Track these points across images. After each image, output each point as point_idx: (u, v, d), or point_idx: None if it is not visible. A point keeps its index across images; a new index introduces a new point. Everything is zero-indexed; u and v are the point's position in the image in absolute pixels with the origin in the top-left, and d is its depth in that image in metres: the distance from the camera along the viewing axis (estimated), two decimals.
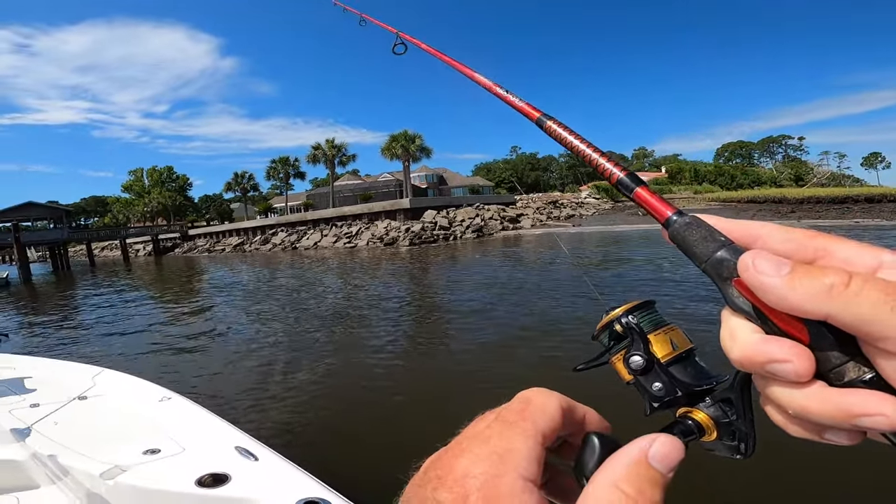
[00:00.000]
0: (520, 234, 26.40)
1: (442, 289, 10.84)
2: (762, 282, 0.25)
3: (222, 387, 5.12)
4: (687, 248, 0.30)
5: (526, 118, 0.48)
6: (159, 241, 48.26)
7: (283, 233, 36.95)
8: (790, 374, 0.24)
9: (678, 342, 0.33)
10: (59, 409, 1.99)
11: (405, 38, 1.07)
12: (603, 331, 0.35)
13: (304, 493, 1.18)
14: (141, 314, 11.25)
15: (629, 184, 0.34)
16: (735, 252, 0.27)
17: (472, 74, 0.65)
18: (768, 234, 0.28)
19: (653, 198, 0.33)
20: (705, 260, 0.28)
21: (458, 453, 0.29)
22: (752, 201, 38.48)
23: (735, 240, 0.29)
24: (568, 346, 5.00)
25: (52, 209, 42.15)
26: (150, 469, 1.41)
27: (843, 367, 0.24)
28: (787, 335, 0.25)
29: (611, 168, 0.36)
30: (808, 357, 0.24)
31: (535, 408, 0.31)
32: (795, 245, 0.27)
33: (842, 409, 0.23)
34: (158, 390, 2.07)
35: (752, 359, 0.26)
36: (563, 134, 0.41)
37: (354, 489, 1.21)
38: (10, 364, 2.76)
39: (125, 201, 64.19)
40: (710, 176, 62.70)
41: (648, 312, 0.34)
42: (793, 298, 0.24)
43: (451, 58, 0.75)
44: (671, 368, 0.32)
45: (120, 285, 19.73)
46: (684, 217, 0.31)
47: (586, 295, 7.33)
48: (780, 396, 0.26)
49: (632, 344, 0.33)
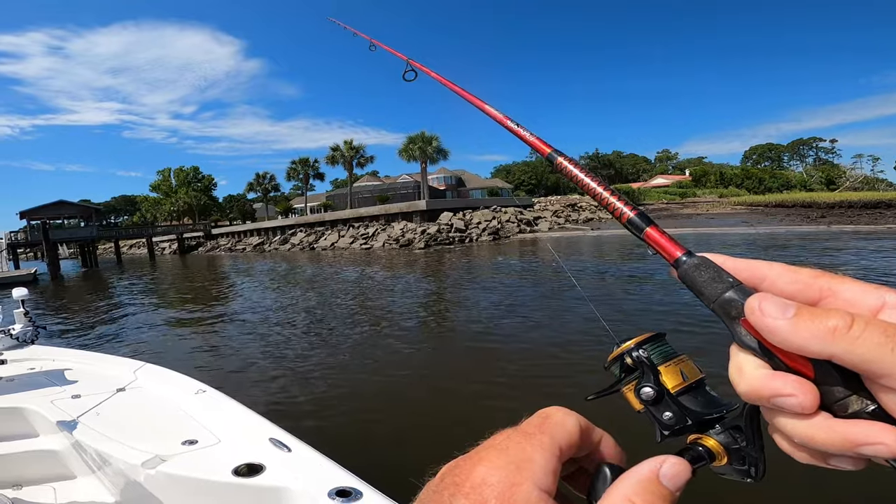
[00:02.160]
0: (537, 238, 26.20)
1: (453, 301, 10.84)
2: (768, 324, 0.26)
3: (252, 381, 5.24)
4: (696, 288, 0.30)
5: (538, 147, 0.48)
6: (184, 240, 49.54)
7: (301, 233, 37.52)
8: (795, 407, 0.26)
9: (688, 373, 0.34)
10: (100, 400, 2.05)
11: (415, 66, 1.08)
12: (614, 362, 0.35)
13: (336, 483, 1.21)
14: (166, 310, 11.60)
15: (640, 223, 0.35)
16: (743, 293, 0.28)
17: (482, 106, 0.65)
18: (776, 274, 0.29)
19: (663, 238, 0.34)
20: (714, 300, 0.29)
21: (477, 461, 0.30)
22: (781, 205, 37.18)
23: (743, 280, 0.29)
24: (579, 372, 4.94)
25: (82, 207, 43.54)
26: (188, 459, 1.45)
27: (847, 399, 0.25)
28: (792, 371, 0.26)
29: (621, 207, 0.36)
30: (813, 391, 0.26)
31: (553, 423, 0.32)
32: (801, 286, 0.28)
33: (846, 438, 0.25)
34: (194, 383, 2.12)
35: (759, 392, 0.27)
36: (574, 171, 0.41)
37: (382, 481, 1.24)
38: (50, 356, 2.84)
39: (153, 200, 66.12)
40: (736, 179, 61.01)
41: (658, 345, 0.35)
42: (797, 340, 0.25)
43: (462, 87, 0.74)
44: (681, 398, 0.33)
45: (145, 282, 20.37)
46: (693, 258, 0.31)
47: (591, 317, 7.25)
48: (786, 427, 0.27)
49: (642, 376, 0.34)
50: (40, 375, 2.45)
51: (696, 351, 0.25)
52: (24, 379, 2.41)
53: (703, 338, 5.17)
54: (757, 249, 14.66)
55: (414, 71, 1.09)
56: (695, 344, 4.95)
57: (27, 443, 1.90)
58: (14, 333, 3.09)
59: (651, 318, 6.76)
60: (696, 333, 5.46)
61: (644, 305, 7.53)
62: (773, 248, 14.78)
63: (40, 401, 2.04)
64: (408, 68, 1.10)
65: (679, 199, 52.49)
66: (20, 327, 3.19)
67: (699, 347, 4.74)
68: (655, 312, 6.95)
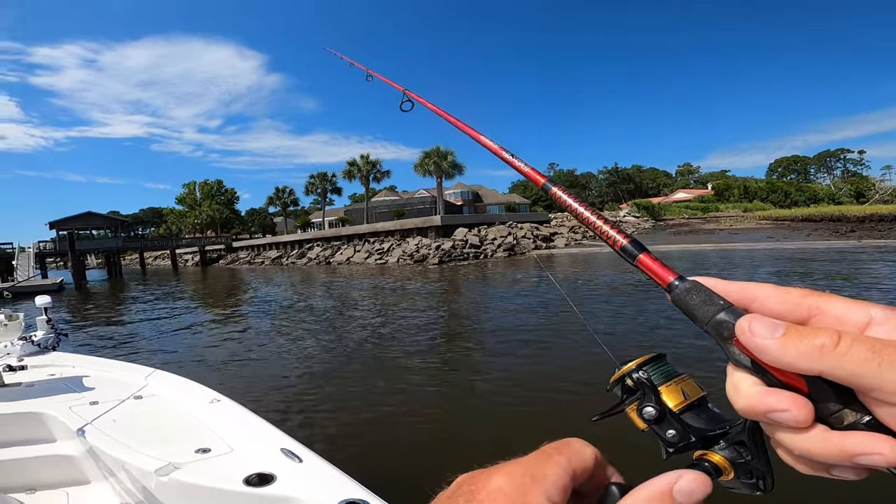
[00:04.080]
0: (552, 254, 25.98)
1: (467, 314, 10.79)
2: (757, 344, 0.27)
3: (265, 391, 5.27)
4: (689, 311, 0.31)
5: (533, 175, 0.51)
6: (206, 252, 50.78)
7: (318, 247, 38.05)
8: (790, 421, 0.27)
9: (689, 392, 0.35)
10: (117, 406, 2.07)
11: (411, 96, 1.09)
12: (615, 384, 0.36)
13: (345, 495, 1.20)
14: (186, 319, 11.82)
15: (632, 250, 0.36)
16: (734, 314, 0.29)
17: (477, 137, 0.65)
18: (766, 295, 0.30)
19: (655, 264, 0.35)
20: (706, 322, 0.30)
21: (494, 472, 0.31)
22: (808, 220, 36.08)
23: (734, 301, 0.30)
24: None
25: (109, 219, 45.13)
26: (200, 467, 1.45)
27: (842, 412, 0.26)
28: (786, 386, 0.27)
29: (614, 235, 0.37)
30: (806, 405, 0.26)
31: (572, 449, 0.33)
32: (791, 305, 0.29)
33: (842, 450, 0.26)
34: (208, 392, 2.14)
35: (755, 408, 0.28)
36: (568, 200, 0.43)
37: (392, 495, 1.22)
38: (70, 362, 2.89)
39: (178, 213, 68.19)
40: (761, 193, 59.55)
41: (659, 366, 0.36)
42: (787, 358, 0.26)
43: (458, 119, 0.75)
44: (684, 416, 0.34)
45: (166, 291, 20.87)
46: (685, 282, 0.33)
47: (594, 340, 7.09)
48: (785, 440, 0.28)
49: (644, 396, 0.35)
50: (60, 381, 2.49)
51: (719, 370, 0.30)
52: (44, 384, 2.45)
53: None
54: (783, 264, 14.22)
55: (411, 101, 1.10)
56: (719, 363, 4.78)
57: (44, 447, 1.93)
58: (36, 340, 3.16)
59: (665, 336, 6.58)
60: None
61: (664, 322, 7.34)
62: (799, 263, 14.31)
63: (59, 406, 2.07)
64: (404, 98, 1.11)
65: (701, 214, 51.45)
66: (42, 334, 3.26)
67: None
68: (670, 331, 6.77)
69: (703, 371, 4.38)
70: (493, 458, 0.31)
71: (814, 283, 10.52)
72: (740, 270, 13.76)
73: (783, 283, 0.29)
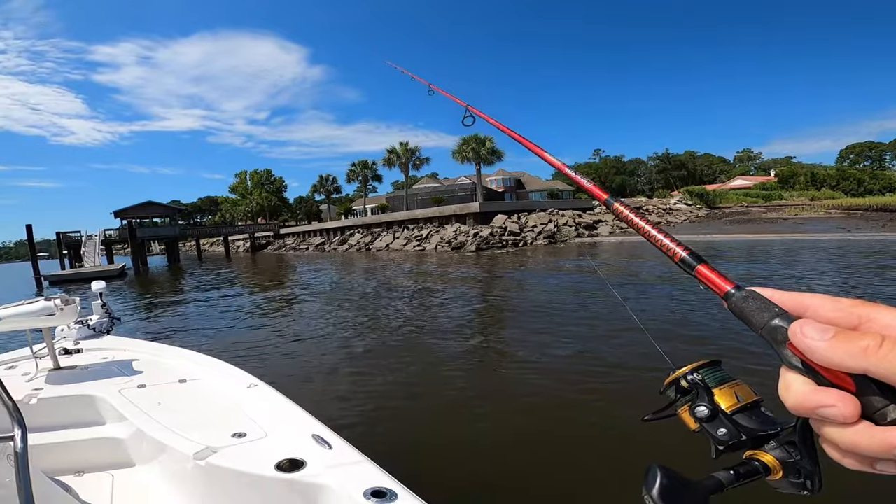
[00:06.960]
0: (595, 242, 25.13)
1: (503, 302, 10.63)
2: (808, 345, 0.30)
3: (301, 377, 5.44)
4: (745, 318, 0.33)
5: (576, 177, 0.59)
6: (255, 239, 53.31)
7: (359, 234, 38.87)
8: (837, 416, 0.29)
9: (743, 396, 0.36)
10: (163, 390, 2.15)
11: (473, 111, 1.11)
12: (669, 386, 0.39)
13: (373, 483, 1.21)
14: (232, 304, 12.47)
15: (691, 262, 0.38)
16: (787, 319, 0.32)
17: (541, 153, 0.67)
18: (818, 304, 0.33)
19: (713, 274, 0.37)
20: (762, 327, 0.32)
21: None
22: (884, 209, 32.71)
23: (788, 309, 0.33)
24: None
25: (168, 208, 47.86)
26: (236, 451, 1.49)
27: (886, 409, 0.28)
28: (834, 385, 0.30)
29: (674, 248, 0.40)
30: (853, 402, 0.29)
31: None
32: (842, 313, 0.31)
33: (886, 443, 0.28)
34: (247, 377, 2.20)
35: (804, 405, 0.31)
36: (630, 215, 0.46)
37: (419, 485, 1.21)
38: (121, 346, 3.02)
39: (232, 201, 71.97)
40: (830, 180, 54.45)
41: (714, 370, 0.38)
42: (834, 357, 0.29)
43: (521, 135, 0.76)
44: (735, 417, 0.36)
45: (218, 277, 22.14)
46: (742, 291, 0.35)
47: (647, 341, 6.73)
48: (832, 435, 0.30)
49: (696, 396, 0.37)
50: (112, 365, 2.59)
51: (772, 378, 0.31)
52: (96, 368, 2.55)
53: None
54: (852, 260, 12.94)
55: (472, 117, 1.13)
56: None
57: (94, 430, 2.00)
58: (91, 324, 3.31)
59: (718, 338, 6.17)
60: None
61: (717, 325, 6.90)
62: (873, 256, 12.98)
63: (110, 389, 2.15)
64: (466, 114, 1.14)
65: (762, 202, 47.81)
66: (97, 318, 3.41)
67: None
68: (728, 332, 6.34)
69: (755, 378, 4.07)
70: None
71: (894, 279, 9.49)
72: (800, 266, 12.63)
73: (853, 278, 0.29)
